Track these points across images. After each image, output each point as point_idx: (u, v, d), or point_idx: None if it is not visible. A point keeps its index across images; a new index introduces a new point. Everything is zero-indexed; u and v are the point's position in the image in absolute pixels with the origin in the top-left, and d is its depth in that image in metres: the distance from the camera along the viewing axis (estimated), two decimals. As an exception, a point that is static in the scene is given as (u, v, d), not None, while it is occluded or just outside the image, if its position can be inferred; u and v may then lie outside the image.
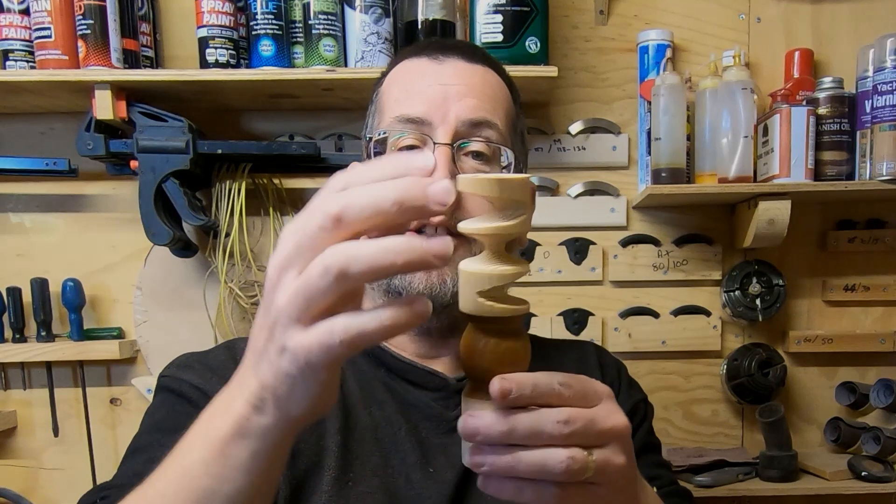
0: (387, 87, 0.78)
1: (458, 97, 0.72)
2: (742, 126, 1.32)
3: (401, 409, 0.74)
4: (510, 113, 0.78)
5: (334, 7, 1.28)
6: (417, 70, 0.76)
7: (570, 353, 0.87)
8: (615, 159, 1.47)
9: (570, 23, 1.46)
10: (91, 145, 1.27)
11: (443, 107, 0.71)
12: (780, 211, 1.31)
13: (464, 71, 0.75)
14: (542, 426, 0.43)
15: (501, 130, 0.74)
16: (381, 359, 0.76)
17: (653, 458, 0.84)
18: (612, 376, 0.86)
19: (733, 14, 1.47)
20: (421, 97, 0.72)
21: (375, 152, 0.75)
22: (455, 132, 0.71)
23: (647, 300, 1.50)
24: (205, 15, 1.27)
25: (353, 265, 0.37)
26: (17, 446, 1.47)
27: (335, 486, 0.68)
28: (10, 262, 1.44)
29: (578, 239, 1.48)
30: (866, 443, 1.42)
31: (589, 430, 0.45)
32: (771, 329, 1.51)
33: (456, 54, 0.76)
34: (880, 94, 1.29)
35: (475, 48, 0.81)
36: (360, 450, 0.70)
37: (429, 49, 0.77)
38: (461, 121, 0.71)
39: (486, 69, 0.77)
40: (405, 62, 0.78)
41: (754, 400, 1.45)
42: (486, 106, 0.73)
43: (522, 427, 0.43)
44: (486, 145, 0.72)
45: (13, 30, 1.27)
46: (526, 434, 0.43)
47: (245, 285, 1.38)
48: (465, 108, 0.72)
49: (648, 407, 0.87)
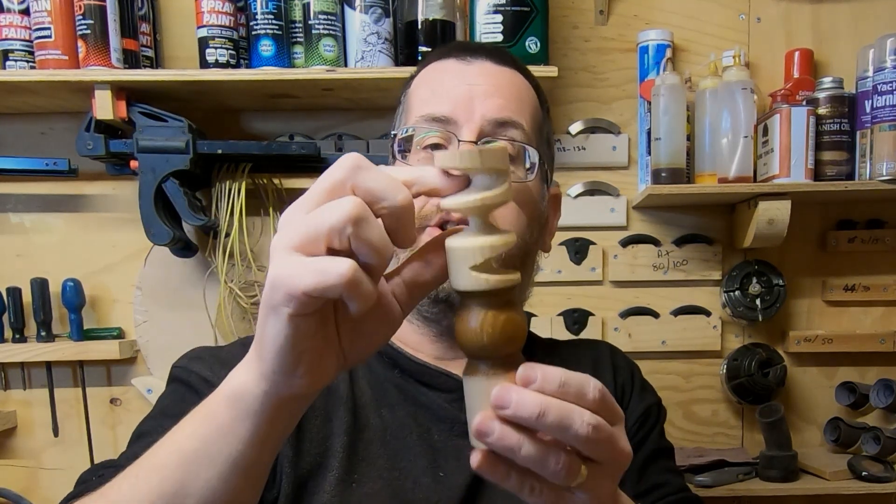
0: (415, 87, 0.78)
1: (485, 97, 0.72)
2: (742, 126, 1.32)
3: (413, 411, 0.74)
4: (536, 116, 0.77)
5: (334, 7, 1.28)
6: (444, 70, 0.76)
7: (585, 353, 0.87)
8: (615, 159, 1.47)
9: (570, 23, 1.46)
10: (91, 145, 1.27)
11: (469, 106, 0.71)
12: (780, 211, 1.31)
13: (491, 72, 0.75)
14: (572, 420, 0.42)
15: (527, 131, 0.74)
16: (396, 360, 0.76)
17: (663, 463, 0.83)
18: (625, 378, 0.85)
19: (733, 14, 1.47)
20: (447, 96, 0.73)
21: (400, 150, 0.75)
22: (480, 131, 0.71)
23: (647, 300, 1.49)
24: (205, 15, 1.27)
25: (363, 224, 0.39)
26: (17, 446, 1.47)
27: (338, 487, 0.67)
28: (10, 262, 1.44)
29: (578, 239, 1.48)
30: (866, 443, 1.42)
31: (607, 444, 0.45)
32: (771, 329, 1.51)
33: (483, 56, 0.76)
34: (880, 94, 1.29)
35: (503, 51, 0.80)
36: (366, 452, 0.70)
37: (456, 50, 0.77)
38: (486, 120, 0.71)
39: (513, 71, 0.77)
40: (433, 64, 0.78)
41: (754, 400, 1.45)
42: (511, 106, 0.73)
43: (553, 415, 0.42)
44: (510, 145, 0.72)
45: (13, 30, 1.27)
46: (554, 423, 0.42)
47: (245, 285, 1.38)
48: (491, 107, 0.72)
49: (661, 411, 0.86)
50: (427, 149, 0.73)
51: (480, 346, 0.44)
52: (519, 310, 0.46)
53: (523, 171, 0.74)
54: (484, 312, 0.44)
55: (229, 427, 0.45)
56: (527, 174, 0.74)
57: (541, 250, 0.82)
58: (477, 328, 0.44)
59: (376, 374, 0.76)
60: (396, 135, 0.75)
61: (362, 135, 1.42)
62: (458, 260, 0.44)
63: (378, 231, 0.40)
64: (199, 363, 0.72)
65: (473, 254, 0.43)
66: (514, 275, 0.45)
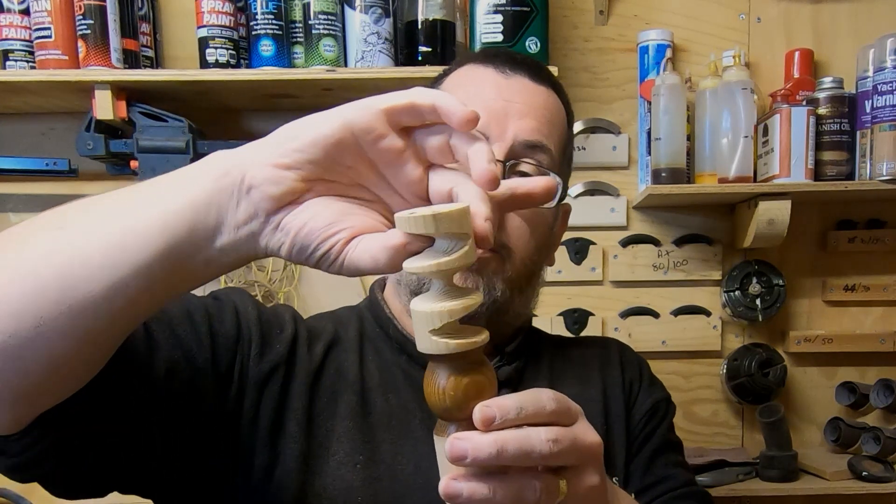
0: (448, 87, 0.77)
1: (520, 116, 0.71)
2: (742, 126, 1.32)
3: (417, 397, 0.73)
4: (564, 138, 0.77)
5: (334, 7, 1.28)
6: (482, 79, 0.74)
7: (593, 349, 0.87)
8: (615, 159, 1.47)
9: (570, 23, 1.46)
10: (91, 145, 1.27)
11: (503, 122, 0.71)
12: (780, 211, 1.31)
13: (529, 90, 0.74)
14: (531, 445, 0.43)
15: (554, 156, 0.73)
16: (404, 346, 0.76)
17: (670, 457, 0.83)
18: (633, 374, 0.85)
19: (733, 14, 1.47)
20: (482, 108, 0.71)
21: None
22: (510, 150, 0.70)
23: (648, 300, 1.50)
24: (205, 15, 1.27)
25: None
26: (17, 446, 1.47)
27: (341, 469, 0.68)
28: (11, 262, 1.43)
29: (578, 239, 1.48)
30: (866, 443, 1.42)
31: (573, 448, 0.45)
32: (771, 329, 1.51)
33: (523, 71, 0.75)
34: (880, 94, 1.29)
35: (542, 68, 0.79)
36: (370, 435, 0.70)
37: (496, 60, 0.76)
38: (518, 140, 0.71)
39: (549, 91, 0.76)
40: (471, 66, 0.77)
41: (754, 400, 1.45)
42: (544, 129, 0.73)
43: (512, 447, 0.42)
44: (536, 169, 0.71)
45: (13, 30, 1.27)
46: (516, 454, 0.43)
47: (245, 285, 1.38)
48: (525, 128, 0.71)
49: (670, 406, 0.86)
50: None
51: (444, 409, 0.44)
52: (485, 369, 0.45)
53: None
54: (446, 376, 0.44)
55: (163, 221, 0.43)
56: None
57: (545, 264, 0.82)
58: (440, 391, 0.44)
59: (385, 358, 0.76)
60: None
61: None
62: (419, 322, 0.43)
63: None
64: (239, 294, 0.71)
65: (432, 318, 0.42)
66: (478, 336, 0.44)
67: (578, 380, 0.81)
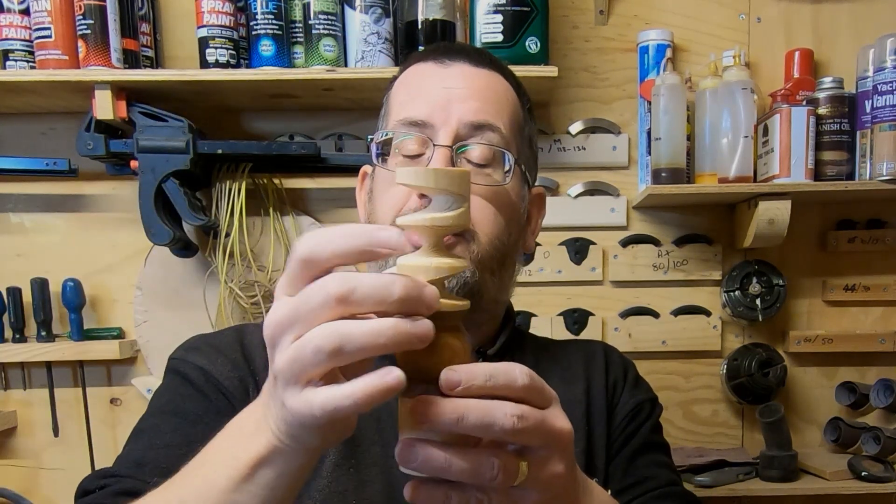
0: (395, 91, 0.79)
1: (461, 100, 0.72)
2: (742, 126, 1.32)
3: None
4: (516, 117, 0.77)
5: (334, 7, 1.28)
6: (423, 74, 0.76)
7: (578, 352, 0.87)
8: (615, 159, 1.47)
9: (570, 23, 1.46)
10: (91, 145, 1.27)
11: (445, 109, 0.71)
12: (780, 211, 1.31)
13: (469, 74, 0.75)
14: (493, 417, 0.42)
15: (504, 134, 0.73)
16: None
17: (652, 457, 0.82)
18: (617, 375, 0.85)
19: (733, 14, 1.47)
20: (424, 100, 0.73)
21: (378, 154, 0.75)
22: (456, 134, 0.71)
23: (648, 300, 1.50)
24: (205, 15, 1.27)
25: (346, 346, 0.39)
26: (17, 446, 1.47)
27: (335, 473, 0.68)
28: (10, 262, 1.44)
29: (578, 239, 1.48)
30: (866, 443, 1.42)
31: (538, 430, 0.44)
32: (771, 329, 1.51)
33: (462, 58, 0.76)
34: (880, 94, 1.29)
35: (482, 52, 0.80)
36: (362, 438, 0.71)
37: (436, 53, 0.77)
38: (462, 123, 0.71)
39: (491, 73, 0.77)
40: (413, 66, 0.78)
41: (754, 400, 1.45)
42: (488, 109, 0.73)
43: (473, 416, 0.41)
44: (487, 149, 0.72)
45: (13, 30, 1.27)
46: (476, 423, 0.41)
47: (245, 285, 1.38)
48: (467, 110, 0.72)
49: (656, 407, 0.86)
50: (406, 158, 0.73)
51: (415, 368, 0.43)
52: (461, 335, 0.45)
53: (501, 175, 0.73)
54: None
55: (273, 483, 0.46)
56: (504, 177, 0.73)
57: (523, 250, 0.81)
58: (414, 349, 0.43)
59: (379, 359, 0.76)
60: (373, 139, 0.76)
61: (362, 135, 1.42)
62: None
63: (359, 343, 0.40)
64: (195, 353, 0.73)
65: (417, 273, 0.42)
66: (461, 301, 0.44)
67: (562, 381, 0.81)
